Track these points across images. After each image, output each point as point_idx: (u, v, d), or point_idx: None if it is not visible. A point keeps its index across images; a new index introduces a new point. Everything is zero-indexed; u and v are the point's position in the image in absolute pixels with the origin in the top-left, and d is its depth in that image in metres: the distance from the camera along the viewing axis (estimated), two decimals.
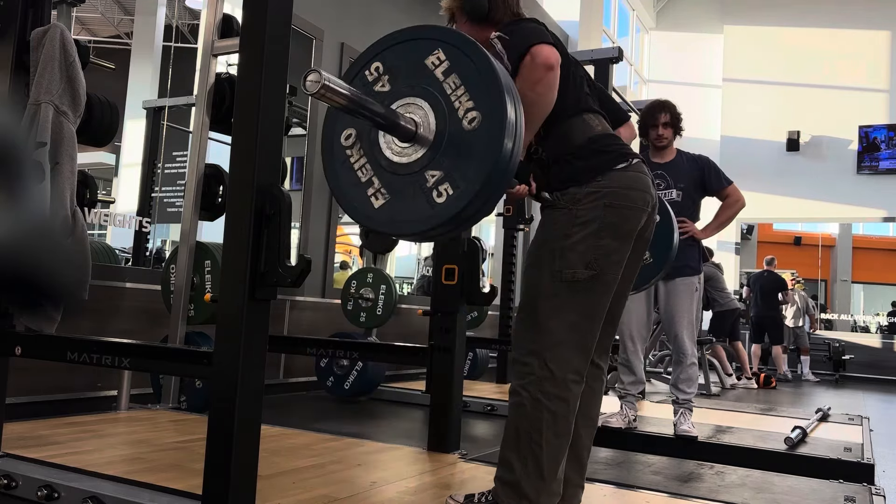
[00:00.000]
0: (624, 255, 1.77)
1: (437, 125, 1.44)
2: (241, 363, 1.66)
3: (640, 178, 1.80)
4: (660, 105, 3.65)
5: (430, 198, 1.44)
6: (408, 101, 1.47)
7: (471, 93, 1.41)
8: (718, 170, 3.62)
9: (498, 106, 1.39)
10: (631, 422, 3.48)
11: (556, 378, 1.70)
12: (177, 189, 5.04)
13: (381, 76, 1.51)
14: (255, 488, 1.73)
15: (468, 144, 1.41)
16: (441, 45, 1.45)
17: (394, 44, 1.51)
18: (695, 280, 3.49)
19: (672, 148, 3.64)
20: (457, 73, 1.43)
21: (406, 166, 1.48)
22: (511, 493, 1.72)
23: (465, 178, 1.41)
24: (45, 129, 2.32)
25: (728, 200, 3.60)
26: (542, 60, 1.67)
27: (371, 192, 1.52)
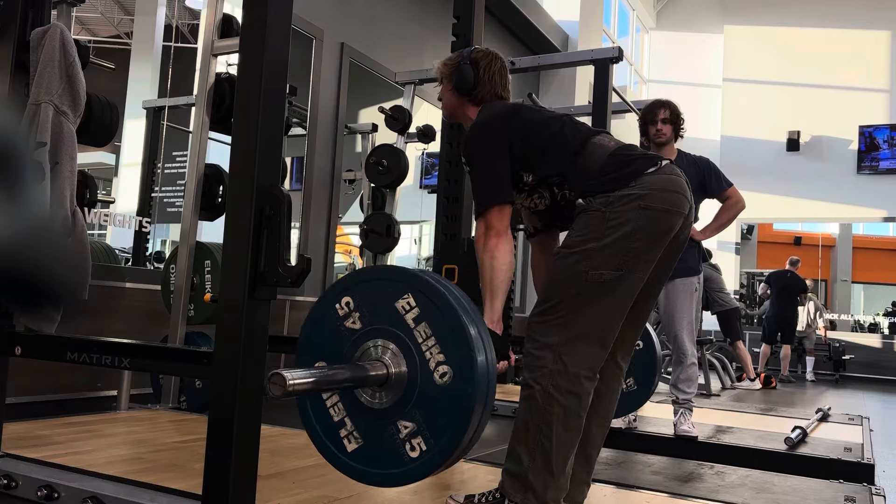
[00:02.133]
0: (655, 256, 1.76)
1: (409, 373, 1.42)
2: (241, 363, 1.66)
3: (673, 179, 1.79)
4: (660, 102, 3.66)
5: (403, 451, 1.41)
6: (379, 343, 1.45)
7: (441, 345, 1.39)
8: (719, 172, 3.62)
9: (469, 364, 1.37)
10: (631, 422, 3.48)
11: (570, 372, 1.70)
12: (177, 189, 5.04)
13: (351, 312, 1.49)
14: (255, 488, 1.73)
15: (440, 400, 1.39)
16: (411, 290, 1.43)
17: (364, 280, 1.50)
18: (694, 280, 3.49)
19: (672, 149, 3.63)
20: (427, 321, 1.41)
21: (379, 413, 1.45)
22: (518, 486, 1.72)
23: (437, 436, 1.38)
24: (45, 129, 2.32)
25: (728, 202, 3.59)
26: (494, 231, 1.81)
27: (343, 433, 1.49)
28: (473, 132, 1.96)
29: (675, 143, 3.65)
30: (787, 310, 8.53)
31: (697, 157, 3.64)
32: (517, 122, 1.93)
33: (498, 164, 1.87)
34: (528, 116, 1.96)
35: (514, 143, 1.88)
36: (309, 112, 5.30)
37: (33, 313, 2.28)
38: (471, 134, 1.97)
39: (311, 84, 5.31)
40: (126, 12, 6.33)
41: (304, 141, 5.30)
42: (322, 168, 5.41)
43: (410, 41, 6.56)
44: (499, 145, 1.88)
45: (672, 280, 3.44)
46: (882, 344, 10.61)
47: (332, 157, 5.51)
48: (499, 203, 1.84)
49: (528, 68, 4.76)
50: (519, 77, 6.93)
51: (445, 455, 1.37)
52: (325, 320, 1.53)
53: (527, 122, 1.93)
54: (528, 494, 1.70)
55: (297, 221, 5.08)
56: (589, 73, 4.55)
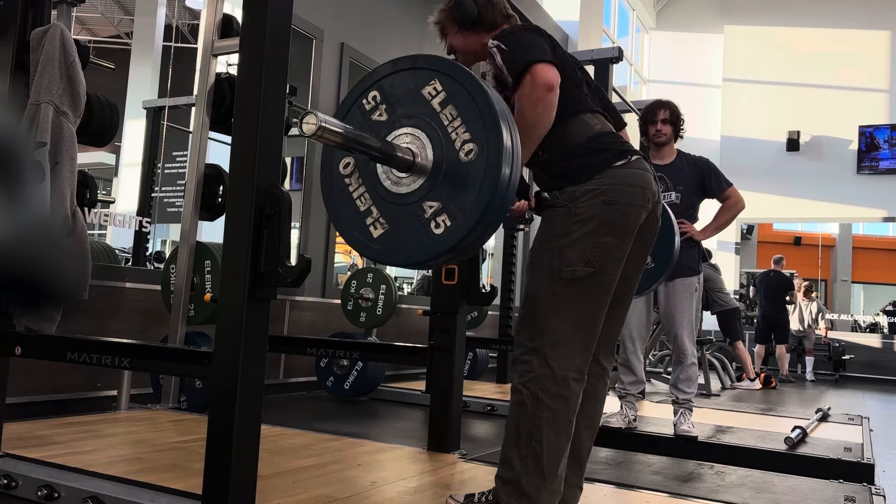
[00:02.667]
0: (624, 251, 1.76)
1: (435, 156, 1.45)
2: (241, 363, 1.66)
3: (639, 174, 1.79)
4: (660, 102, 3.66)
5: (427, 229, 1.44)
6: (405, 132, 1.48)
7: (467, 125, 1.42)
8: (719, 172, 3.62)
9: (495, 138, 1.40)
10: (631, 422, 3.48)
11: (557, 376, 1.70)
12: (177, 189, 5.04)
13: (378, 105, 1.51)
14: (255, 488, 1.73)
15: (465, 176, 1.42)
16: (437, 75, 1.45)
17: (391, 73, 1.52)
18: (694, 280, 3.50)
19: (672, 149, 3.63)
20: (453, 104, 1.43)
21: (404, 196, 1.48)
22: (511, 492, 1.71)
23: (462, 209, 1.41)
24: (45, 129, 2.32)
25: (728, 203, 3.60)
26: (542, 81, 1.69)
27: (370, 221, 1.52)
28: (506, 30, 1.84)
29: (675, 143, 3.65)
30: (773, 309, 8.51)
31: (697, 158, 3.64)
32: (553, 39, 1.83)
33: (539, 39, 1.77)
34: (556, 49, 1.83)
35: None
36: None
37: (33, 313, 2.28)
38: (512, 26, 1.85)
39: (311, 84, 5.31)
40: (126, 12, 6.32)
41: (304, 141, 5.30)
42: None
43: (410, 41, 6.56)
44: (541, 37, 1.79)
45: (672, 280, 3.45)
46: (882, 344, 10.61)
47: None
48: (545, 59, 1.71)
49: None
50: None
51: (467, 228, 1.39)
52: (351, 116, 1.53)
53: (559, 47, 1.83)
54: (522, 500, 1.70)
55: (297, 221, 5.08)
56: (589, 73, 4.55)
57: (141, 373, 3.51)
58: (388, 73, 1.52)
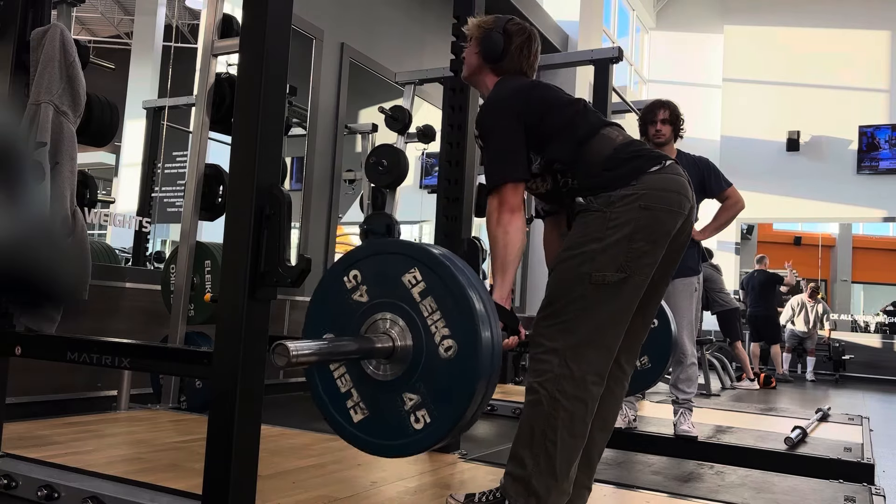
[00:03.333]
0: (657, 257, 1.74)
1: (415, 346, 1.44)
2: (241, 363, 1.66)
3: (675, 179, 1.78)
4: (660, 102, 3.66)
5: (408, 423, 1.43)
6: (386, 317, 1.47)
7: (446, 319, 1.41)
8: (718, 172, 3.62)
9: (473, 339, 1.38)
10: (631, 422, 3.48)
11: (576, 378, 1.68)
12: (177, 189, 5.04)
13: (359, 285, 1.51)
14: (255, 488, 1.73)
15: (445, 373, 1.41)
16: (417, 264, 1.44)
17: (371, 254, 1.52)
18: (694, 280, 3.50)
19: (672, 149, 3.62)
20: (433, 296, 1.43)
21: (384, 384, 1.47)
22: (521, 490, 1.70)
23: (441, 407, 1.40)
24: (45, 129, 2.32)
25: (727, 202, 3.59)
26: (509, 205, 1.78)
27: (350, 404, 1.51)
28: (489, 107, 1.90)
29: (675, 143, 3.64)
30: (760, 307, 8.47)
31: (697, 157, 3.64)
32: (533, 100, 1.87)
33: (514, 140, 1.82)
34: (544, 95, 1.90)
35: (527, 122, 1.84)
36: (309, 112, 5.30)
37: (33, 313, 2.28)
38: (486, 109, 1.91)
39: (311, 84, 5.31)
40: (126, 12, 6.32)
41: (304, 141, 5.30)
42: (322, 168, 5.41)
43: (410, 41, 6.56)
44: (515, 122, 1.83)
45: (672, 280, 3.45)
46: (882, 344, 10.61)
47: (332, 157, 5.51)
48: (514, 180, 1.80)
49: None
50: None
51: (449, 427, 1.39)
52: (332, 293, 1.54)
53: (542, 101, 1.88)
54: (530, 499, 1.69)
55: (297, 221, 5.07)
56: (589, 73, 4.55)
57: (141, 373, 3.51)
58: (367, 254, 1.52)
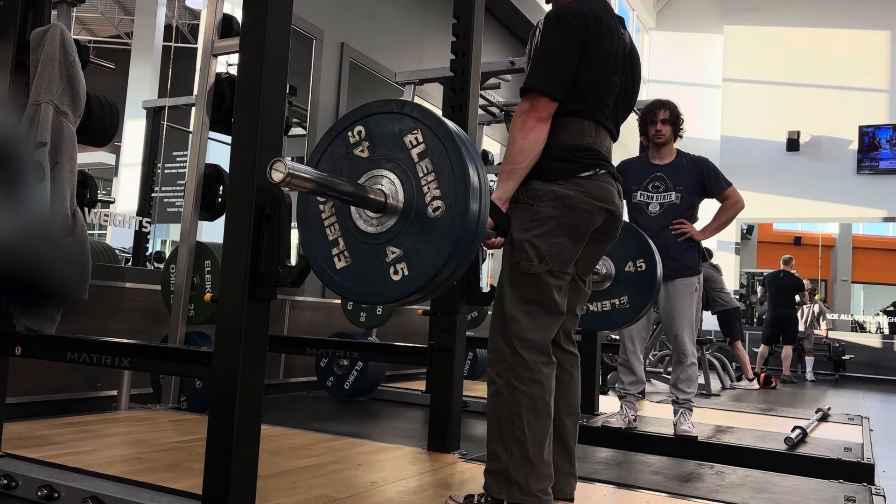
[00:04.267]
0: (576, 252, 1.87)
1: (405, 203, 1.48)
2: (241, 363, 1.66)
3: (601, 185, 1.89)
4: (660, 102, 3.65)
5: (387, 273, 1.49)
6: (383, 174, 1.51)
7: (440, 182, 1.45)
8: (718, 172, 3.61)
9: (462, 201, 1.43)
10: (631, 422, 3.48)
11: (528, 363, 1.78)
12: (177, 189, 5.04)
13: (362, 141, 1.54)
14: (255, 488, 1.73)
15: (429, 231, 1.46)
16: (421, 126, 1.48)
17: (379, 112, 1.54)
18: (694, 280, 3.50)
19: (672, 149, 3.62)
20: (430, 158, 1.46)
21: (371, 236, 1.52)
22: (501, 482, 1.77)
23: (421, 262, 1.45)
24: (45, 129, 2.32)
25: (727, 202, 3.58)
26: (537, 114, 1.81)
27: (335, 251, 1.56)
28: (567, 13, 1.87)
29: (675, 143, 3.64)
30: (782, 310, 8.49)
31: (697, 157, 3.63)
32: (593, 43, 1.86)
33: (570, 56, 1.83)
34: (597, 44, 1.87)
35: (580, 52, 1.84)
36: (309, 112, 5.30)
37: (33, 313, 2.28)
38: (564, 13, 1.87)
39: (311, 84, 5.31)
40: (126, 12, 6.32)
41: (304, 141, 5.30)
42: None
43: (410, 41, 6.56)
44: (577, 45, 1.83)
45: (672, 280, 3.45)
46: (882, 344, 10.61)
47: None
48: (553, 95, 1.81)
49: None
50: (519, 77, 6.92)
51: (424, 281, 1.45)
52: (336, 145, 1.56)
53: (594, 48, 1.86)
54: (512, 489, 1.75)
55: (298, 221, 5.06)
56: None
57: (141, 373, 3.51)
58: (377, 111, 1.55)
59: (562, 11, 1.89)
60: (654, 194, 3.57)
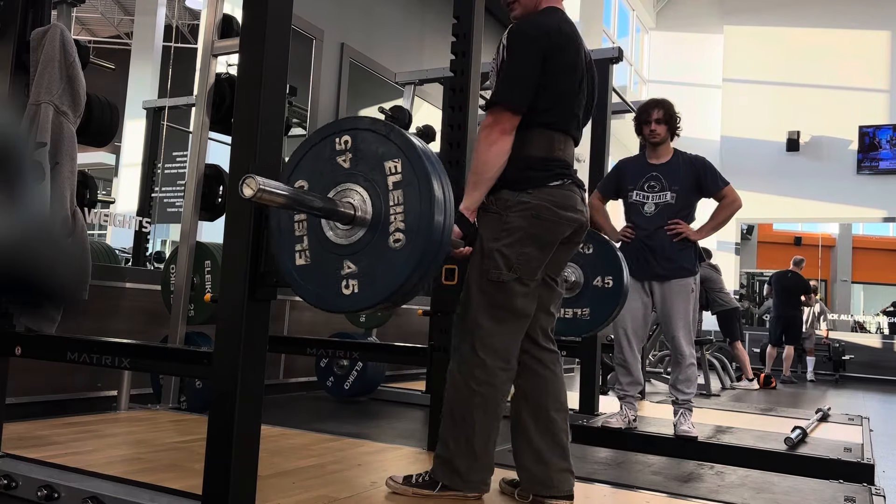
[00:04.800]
0: (543, 262, 1.95)
1: (370, 225, 1.51)
2: (241, 363, 1.66)
3: (568, 195, 1.96)
4: (654, 102, 3.62)
5: (339, 285, 1.52)
6: (357, 189, 1.54)
7: (406, 217, 1.48)
8: (715, 171, 3.59)
9: (423, 238, 1.47)
10: (631, 422, 3.48)
11: (487, 366, 1.89)
12: (177, 189, 5.04)
13: (346, 151, 1.56)
14: (255, 488, 1.73)
15: (385, 258, 1.49)
16: (402, 157, 1.49)
17: (367, 129, 1.56)
18: (690, 281, 3.48)
19: (668, 148, 3.60)
20: (404, 191, 1.49)
21: (333, 245, 1.55)
22: (446, 469, 1.94)
23: (371, 285, 1.49)
24: (45, 129, 2.32)
25: (724, 201, 3.56)
26: (501, 127, 1.89)
27: (299, 248, 1.59)
28: (529, 28, 1.95)
29: (672, 142, 3.63)
30: (786, 310, 8.49)
31: (694, 157, 3.61)
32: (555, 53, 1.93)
33: (533, 70, 1.90)
34: (562, 58, 1.95)
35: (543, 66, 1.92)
36: (309, 112, 5.30)
37: (33, 313, 2.28)
38: (526, 28, 1.95)
39: (311, 84, 5.31)
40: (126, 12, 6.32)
41: None
42: None
43: (410, 41, 6.56)
44: (540, 58, 1.91)
45: (668, 281, 3.44)
46: (882, 344, 10.61)
47: None
48: (515, 109, 1.89)
49: None
50: None
51: (369, 304, 1.51)
52: (322, 147, 1.59)
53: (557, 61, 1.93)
54: (454, 476, 1.93)
55: None
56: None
57: (141, 373, 3.51)
58: (366, 127, 1.57)
59: (524, 26, 1.97)
60: (649, 194, 3.54)
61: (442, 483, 1.94)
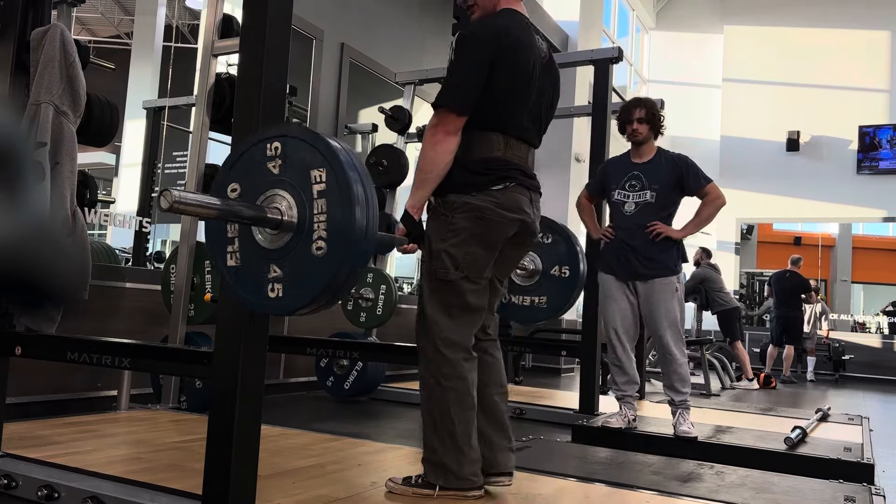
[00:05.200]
0: (489, 260, 2.03)
1: (295, 232, 1.54)
2: (241, 363, 1.67)
3: (512, 196, 2.02)
4: (636, 101, 3.58)
5: (266, 288, 1.55)
6: (285, 196, 1.56)
7: (328, 225, 1.50)
8: (697, 169, 3.53)
9: (343, 248, 1.49)
10: (630, 422, 3.48)
11: (451, 360, 1.97)
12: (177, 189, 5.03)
13: (276, 157, 1.58)
14: (255, 488, 1.73)
15: (308, 265, 1.51)
16: (328, 167, 1.51)
17: (296, 136, 1.58)
18: (673, 280, 3.45)
19: (651, 147, 3.56)
20: (327, 200, 1.51)
21: (261, 248, 1.57)
22: (438, 471, 1.98)
23: (294, 290, 1.52)
24: (45, 129, 2.32)
25: (708, 198, 3.50)
26: (445, 128, 1.95)
27: (230, 249, 1.61)
28: (480, 30, 2.02)
29: (656, 140, 3.60)
30: (787, 309, 8.48)
31: (676, 155, 3.56)
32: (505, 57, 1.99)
33: (476, 73, 1.97)
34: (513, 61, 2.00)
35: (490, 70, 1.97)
36: (309, 112, 5.30)
37: (33, 313, 2.28)
38: (475, 29, 2.03)
39: (311, 84, 5.31)
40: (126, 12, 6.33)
41: None
42: None
43: (410, 41, 6.56)
44: (487, 63, 1.96)
45: (650, 280, 3.42)
46: (882, 344, 10.61)
47: None
48: (459, 111, 1.96)
49: None
50: None
51: (293, 308, 1.55)
52: (254, 152, 1.61)
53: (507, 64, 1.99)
54: (448, 476, 1.97)
55: None
56: (589, 73, 4.55)
57: (141, 373, 3.51)
58: (295, 135, 1.58)
59: (474, 28, 2.04)
60: (630, 193, 3.52)
61: (439, 485, 1.98)
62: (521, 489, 2.19)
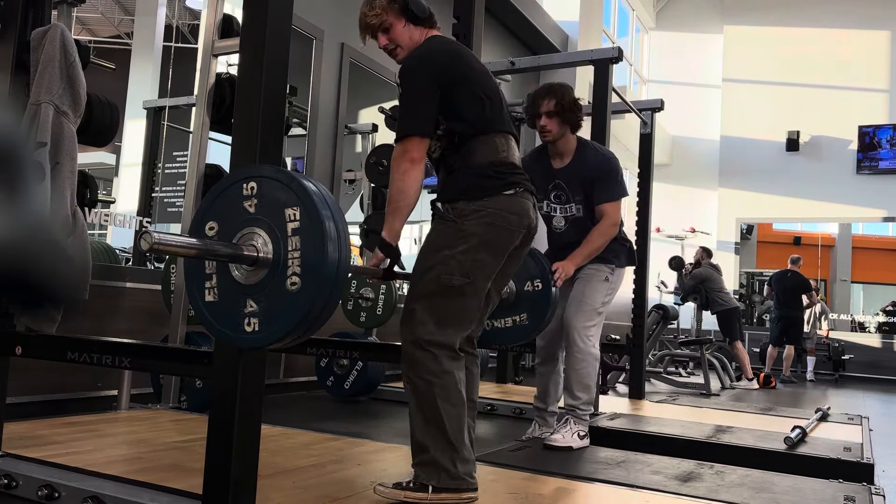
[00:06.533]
0: (495, 269, 2.03)
1: (270, 269, 1.57)
2: (241, 363, 1.67)
3: (521, 203, 2.04)
4: (546, 89, 3.00)
5: (242, 322, 1.57)
6: (261, 234, 1.58)
7: (302, 261, 1.52)
8: (610, 180, 3.01)
9: (316, 284, 1.52)
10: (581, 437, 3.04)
11: (436, 356, 1.95)
12: (177, 189, 5.04)
13: (252, 196, 1.61)
14: (255, 488, 1.73)
15: (283, 301, 1.53)
16: (301, 206, 1.54)
17: (271, 177, 1.60)
18: (604, 268, 3.05)
19: (570, 145, 3.02)
20: (301, 237, 1.53)
21: (238, 284, 1.60)
22: (432, 471, 1.93)
23: (270, 325, 1.54)
24: (45, 129, 2.32)
25: (601, 223, 2.99)
26: (409, 156, 1.96)
27: (208, 285, 1.63)
28: (417, 59, 2.05)
29: (575, 133, 3.04)
30: (787, 310, 8.48)
31: (598, 157, 3.05)
32: (458, 66, 2.03)
33: (429, 96, 1.98)
34: (468, 68, 2.05)
35: (441, 86, 1.99)
36: (309, 112, 5.30)
37: (34, 313, 2.28)
38: (414, 59, 2.05)
39: (311, 84, 5.32)
40: (126, 12, 6.33)
41: (304, 141, 5.30)
42: (322, 168, 5.42)
43: None
44: (432, 82, 1.99)
45: (583, 267, 3.06)
46: (882, 344, 10.61)
47: (332, 157, 5.52)
48: (420, 134, 1.97)
49: (527, 68, 4.76)
50: (519, 77, 6.92)
51: (269, 341, 1.57)
52: (231, 191, 1.64)
53: (464, 73, 2.03)
54: (441, 475, 1.92)
55: None
56: (589, 73, 4.54)
57: (141, 373, 3.51)
58: (269, 175, 1.61)
59: (409, 60, 2.06)
60: (556, 205, 3.07)
61: (432, 485, 1.92)
62: (521, 489, 2.19)
